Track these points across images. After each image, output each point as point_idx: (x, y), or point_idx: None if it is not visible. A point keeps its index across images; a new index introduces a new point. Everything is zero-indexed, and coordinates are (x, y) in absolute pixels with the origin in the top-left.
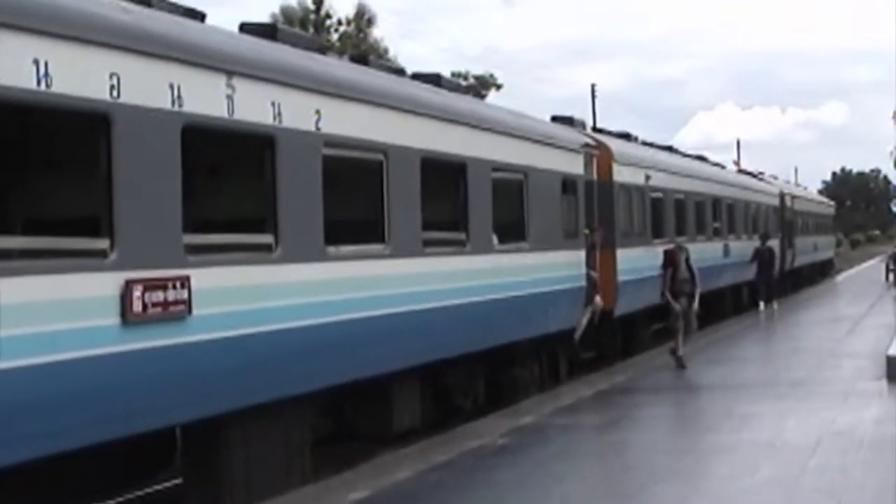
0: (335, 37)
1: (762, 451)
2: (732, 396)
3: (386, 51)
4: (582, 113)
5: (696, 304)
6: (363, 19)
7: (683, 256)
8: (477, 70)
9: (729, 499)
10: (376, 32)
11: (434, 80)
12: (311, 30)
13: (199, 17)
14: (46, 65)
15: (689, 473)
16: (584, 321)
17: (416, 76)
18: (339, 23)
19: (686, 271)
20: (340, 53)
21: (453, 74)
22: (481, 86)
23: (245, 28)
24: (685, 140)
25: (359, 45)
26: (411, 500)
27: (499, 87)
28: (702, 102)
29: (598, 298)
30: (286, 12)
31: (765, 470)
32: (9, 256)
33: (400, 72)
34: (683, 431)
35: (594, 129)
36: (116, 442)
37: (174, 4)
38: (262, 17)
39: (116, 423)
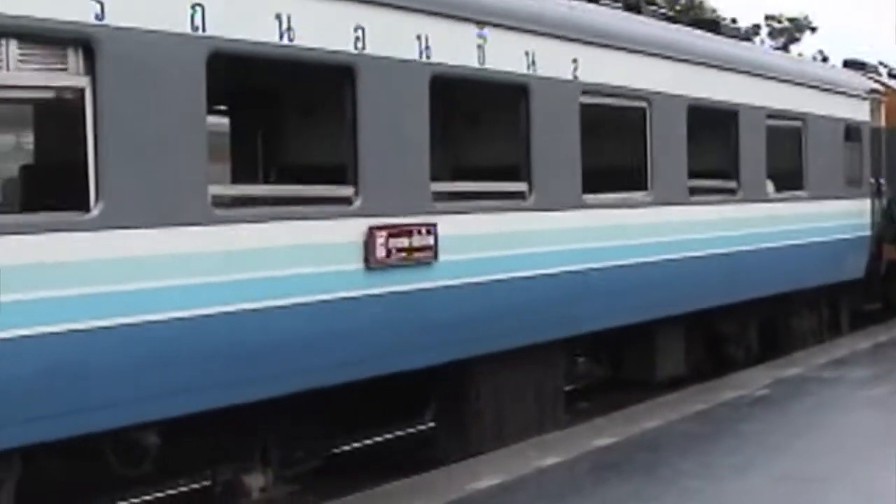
0: None
1: None
2: None
3: None
4: None
5: None
6: None
7: None
8: (792, 12)
9: None
10: None
11: (711, 26)
12: None
13: None
14: (289, 19)
15: None
16: None
17: (694, 22)
18: None
19: None
20: None
21: (767, 17)
22: (795, 29)
23: None
24: None
25: None
26: (653, 448)
27: (813, 29)
28: None
29: None
30: None
31: None
32: (263, 203)
33: (672, 19)
34: None
35: (892, 73)
36: (369, 383)
37: None
38: None
39: (359, 365)
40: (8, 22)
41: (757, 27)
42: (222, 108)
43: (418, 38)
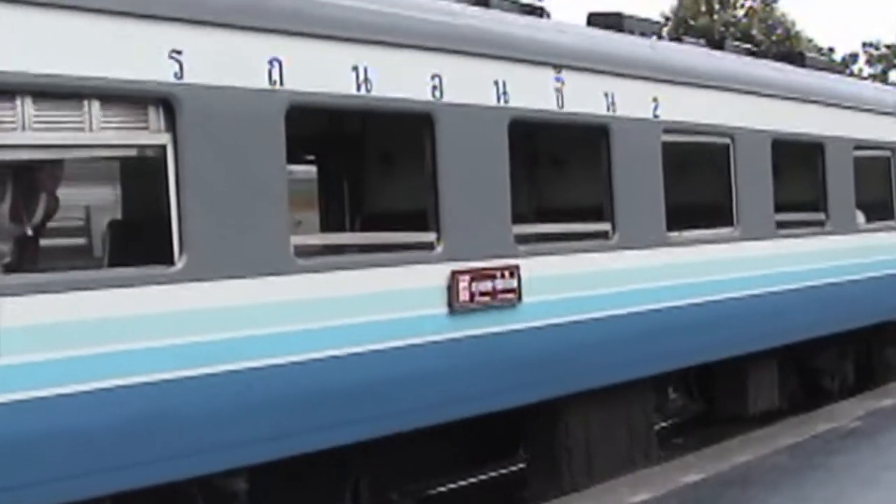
0: (741, 12)
1: None
2: None
3: (793, 23)
4: None
5: None
6: None
7: None
8: (890, 39)
9: None
10: (783, 5)
11: (797, 59)
12: (717, 6)
13: (539, 12)
14: (365, 70)
15: None
16: None
17: (779, 56)
18: None
19: None
20: (745, 29)
21: (864, 45)
22: (894, 55)
23: (592, 18)
24: None
25: (766, 19)
26: (743, 484)
27: None
28: None
29: None
30: None
31: None
32: (350, 251)
33: (756, 53)
34: None
35: None
36: (459, 425)
37: (513, 2)
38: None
39: (445, 407)
40: (89, 83)
41: (854, 55)
42: (310, 157)
43: (496, 83)
